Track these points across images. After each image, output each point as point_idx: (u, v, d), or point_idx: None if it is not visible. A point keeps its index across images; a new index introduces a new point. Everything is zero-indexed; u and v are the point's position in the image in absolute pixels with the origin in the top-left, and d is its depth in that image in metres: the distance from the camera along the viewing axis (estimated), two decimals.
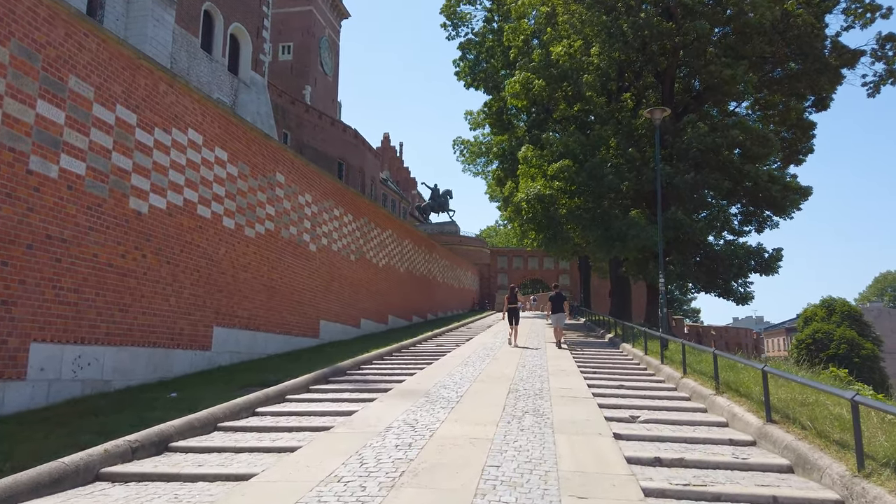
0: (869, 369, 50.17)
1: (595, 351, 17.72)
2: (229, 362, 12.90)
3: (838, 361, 53.53)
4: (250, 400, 8.77)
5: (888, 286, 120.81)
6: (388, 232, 26.07)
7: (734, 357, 9.24)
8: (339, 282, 19.90)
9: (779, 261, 21.79)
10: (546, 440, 6.58)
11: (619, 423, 7.92)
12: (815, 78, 25.27)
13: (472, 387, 10.28)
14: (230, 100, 40.23)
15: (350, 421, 7.64)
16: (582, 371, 12.82)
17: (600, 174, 21.32)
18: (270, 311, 14.91)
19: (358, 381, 11.53)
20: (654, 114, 15.81)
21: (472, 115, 48.29)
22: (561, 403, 8.83)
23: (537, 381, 11.09)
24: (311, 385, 10.87)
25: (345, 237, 20.54)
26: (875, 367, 51.74)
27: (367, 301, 22.83)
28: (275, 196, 15.23)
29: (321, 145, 62.10)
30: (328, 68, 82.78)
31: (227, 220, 12.95)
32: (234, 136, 13.21)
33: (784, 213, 23.00)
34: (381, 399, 9.23)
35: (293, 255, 16.33)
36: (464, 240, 67.46)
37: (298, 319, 16.59)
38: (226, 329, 12.82)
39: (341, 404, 9.26)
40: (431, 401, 8.95)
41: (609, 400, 9.53)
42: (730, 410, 7.97)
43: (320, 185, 18.29)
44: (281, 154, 15.57)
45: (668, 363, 12.71)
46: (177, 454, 6.55)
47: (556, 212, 21.78)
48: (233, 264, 13.18)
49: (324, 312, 18.44)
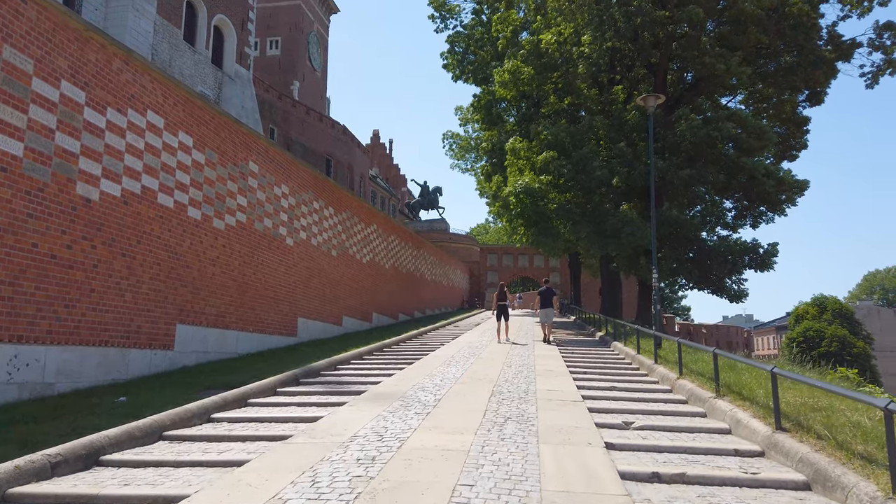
0: (861, 367, 49.81)
1: (585, 349, 16.98)
2: (195, 363, 12.05)
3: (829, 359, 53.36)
4: (205, 405, 7.94)
5: (877, 284, 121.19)
6: (372, 227, 25.24)
7: (736, 357, 8.50)
8: (320, 278, 19.06)
9: (774, 256, 21.17)
10: (529, 452, 5.80)
11: (612, 430, 7.16)
12: (810, 71, 24.66)
13: (453, 389, 9.49)
14: (214, 93, 39.24)
15: (312, 429, 6.83)
16: (571, 371, 12.07)
17: (589, 167, 20.57)
18: (242, 309, 14.06)
19: (331, 383, 10.71)
20: (648, 101, 15.07)
21: (462, 111, 47.59)
22: (548, 408, 8.06)
23: (523, 382, 10.32)
24: (279, 387, 10.05)
25: (325, 231, 19.70)
26: (867, 366, 51.44)
27: (350, 298, 22.00)
28: (247, 186, 14.37)
29: (309, 141, 61.16)
30: (317, 64, 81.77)
31: (192, 211, 12.09)
32: (200, 121, 12.35)
33: (779, 209, 22.36)
34: (351, 403, 8.42)
35: (268, 249, 15.48)
36: (453, 237, 66.73)
37: (274, 317, 15.75)
38: (191, 327, 11.97)
39: (308, 409, 8.44)
40: (406, 405, 8.15)
41: (600, 403, 8.77)
42: (733, 416, 7.23)
43: (298, 176, 17.44)
44: (254, 142, 14.72)
45: (663, 363, 11.98)
46: (106, 469, 5.72)
47: (545, 206, 21.02)
48: (199, 258, 12.33)
49: (302, 310, 17.60)
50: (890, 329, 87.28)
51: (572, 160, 20.40)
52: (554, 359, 14.24)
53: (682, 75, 27.15)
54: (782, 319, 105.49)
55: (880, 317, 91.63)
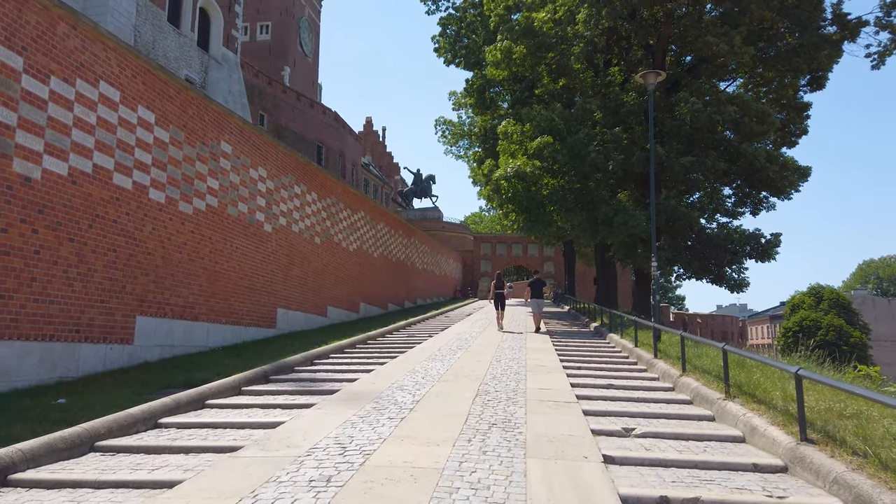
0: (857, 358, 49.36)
1: (579, 342, 16.15)
2: (159, 357, 11.14)
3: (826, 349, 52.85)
4: (153, 408, 7.03)
5: (871, 274, 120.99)
6: (359, 214, 24.28)
7: (749, 354, 7.63)
8: (302, 266, 18.13)
9: (777, 246, 20.35)
10: (515, 469, 4.93)
11: (610, 438, 6.31)
12: (814, 53, 23.76)
13: (435, 388, 8.62)
14: (200, 77, 38.08)
15: (268, 438, 5.95)
16: (565, 366, 11.22)
17: (584, 152, 19.64)
18: (214, 299, 13.14)
19: (303, 381, 9.83)
20: (647, 78, 14.14)
21: (456, 96, 46.48)
22: (538, 411, 7.20)
23: (512, 379, 9.46)
24: (245, 386, 9.15)
25: (308, 218, 18.74)
26: (863, 356, 50.95)
27: (336, 288, 21.09)
28: (219, 168, 13.40)
29: (300, 128, 60.01)
30: (308, 49, 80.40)
31: (154, 193, 11.13)
32: (163, 96, 11.36)
33: (782, 195, 21.52)
34: (320, 405, 7.54)
35: (243, 235, 14.54)
36: (446, 226, 65.75)
37: (250, 308, 14.83)
38: (153, 319, 11.04)
39: (270, 412, 7.56)
40: (380, 408, 7.27)
41: (596, 405, 7.92)
42: (747, 422, 6.38)
43: (277, 159, 16.46)
44: (226, 120, 13.73)
45: (663, 357, 11.14)
46: (14, 491, 4.82)
47: (537, 192, 20.11)
48: (163, 244, 11.38)
49: (282, 300, 16.69)
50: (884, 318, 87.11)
51: (567, 145, 19.47)
52: (546, 352, 13.40)
53: (680, 58, 26.20)
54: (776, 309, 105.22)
55: (875, 306, 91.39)
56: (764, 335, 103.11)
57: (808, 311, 55.76)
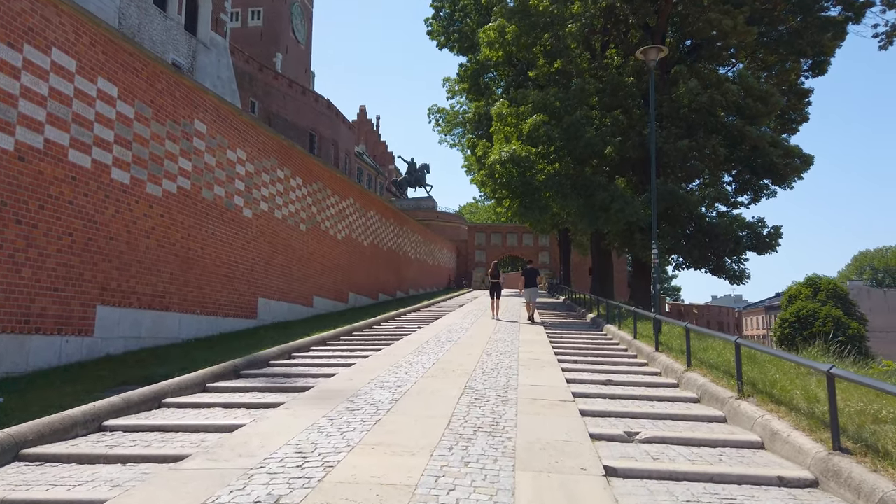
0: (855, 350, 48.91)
1: (575, 333, 15.43)
2: (123, 350, 10.34)
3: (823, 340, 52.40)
4: (97, 410, 6.25)
5: (867, 264, 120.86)
6: (348, 201, 23.45)
7: (765, 348, 6.88)
8: (285, 254, 17.32)
9: (779, 238, 19.62)
10: (501, 485, 4.18)
11: (611, 443, 5.57)
12: (817, 35, 22.98)
13: (418, 384, 7.87)
14: (187, 61, 37.09)
15: (220, 445, 5.18)
16: (560, 360, 10.49)
17: (580, 132, 18.83)
18: (186, 288, 12.33)
19: (276, 377, 9.06)
20: (649, 54, 13.34)
21: (449, 82, 45.52)
22: (530, 411, 6.45)
23: (503, 374, 8.71)
24: (211, 382, 8.38)
25: (292, 203, 17.91)
26: (861, 348, 50.48)
27: (322, 277, 20.29)
28: (192, 148, 12.55)
29: (291, 115, 58.98)
30: (301, 36, 79.21)
31: (117, 173, 10.29)
32: (127, 68, 10.49)
33: (785, 182, 20.77)
34: (288, 405, 6.78)
35: (220, 220, 13.71)
36: (440, 215, 64.91)
37: (228, 297, 14.03)
38: (118, 309, 10.24)
39: (232, 413, 6.79)
40: (354, 408, 6.51)
41: (595, 403, 7.18)
42: (765, 425, 5.64)
43: (258, 141, 15.61)
44: (200, 97, 12.87)
45: (665, 351, 10.41)
46: None
47: (532, 177, 19.31)
48: (128, 228, 10.56)
49: (263, 289, 15.89)
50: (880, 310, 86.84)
51: (563, 124, 18.65)
52: (541, 344, 12.66)
53: (680, 42, 25.39)
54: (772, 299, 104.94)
55: (870, 297, 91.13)
56: (759, 326, 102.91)
57: (805, 301, 55.24)
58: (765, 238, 19.68)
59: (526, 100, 19.54)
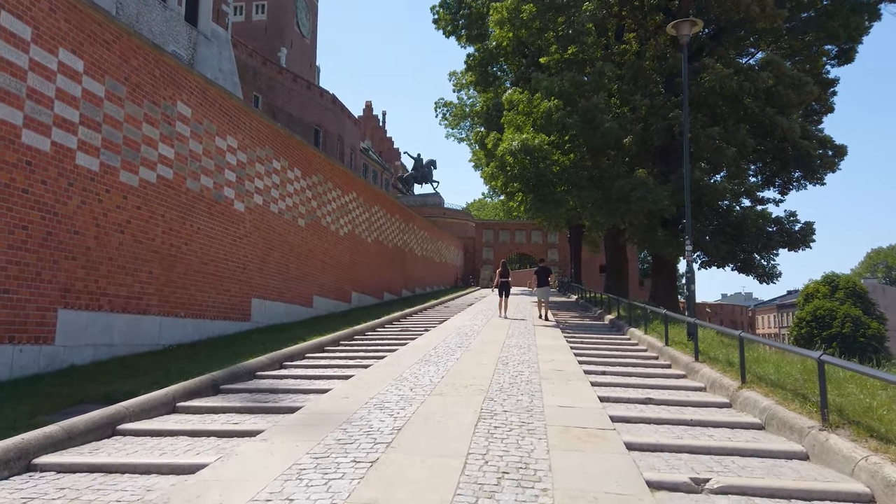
0: (874, 349, 47.41)
1: (596, 337, 14.15)
2: (92, 359, 9.14)
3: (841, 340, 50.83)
4: (24, 444, 4.99)
5: (880, 262, 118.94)
6: (351, 195, 22.21)
7: (850, 365, 5.54)
8: (282, 251, 16.10)
9: (812, 233, 18.26)
10: None
11: (675, 495, 4.29)
12: (848, 17, 21.56)
13: (425, 405, 6.62)
14: (188, 53, 36.02)
15: (164, 502, 3.94)
16: (586, 371, 9.22)
17: (597, 120, 17.49)
18: (168, 288, 11.11)
19: (261, 392, 7.83)
20: (681, 28, 12.03)
21: (456, 76, 44.23)
22: (565, 446, 5.19)
23: (524, 392, 7.44)
24: (183, 400, 7.14)
25: (290, 197, 16.68)
26: (881, 348, 48.93)
27: (323, 275, 19.07)
28: (174, 133, 11.32)
29: (296, 110, 57.89)
30: (305, 30, 78.16)
31: (84, 158, 9.07)
32: (95, 39, 9.27)
33: (816, 175, 19.36)
34: (267, 434, 5.55)
35: (207, 214, 12.49)
36: (447, 212, 63.63)
37: (217, 298, 12.82)
38: (84, 313, 9.03)
39: (198, 444, 5.56)
40: (346, 440, 5.27)
41: (640, 432, 5.91)
42: (874, 471, 4.35)
43: (251, 128, 14.37)
44: (184, 77, 11.63)
45: (707, 362, 9.11)
46: None
47: (546, 169, 17.99)
48: (97, 221, 9.34)
49: (258, 289, 14.68)
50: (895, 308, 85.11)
51: (579, 110, 17.32)
52: (561, 351, 11.39)
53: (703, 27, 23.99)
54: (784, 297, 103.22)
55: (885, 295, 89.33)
56: (771, 324, 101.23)
57: (823, 300, 53.75)
58: (797, 234, 18.31)
59: (539, 85, 18.21)
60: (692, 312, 11.39)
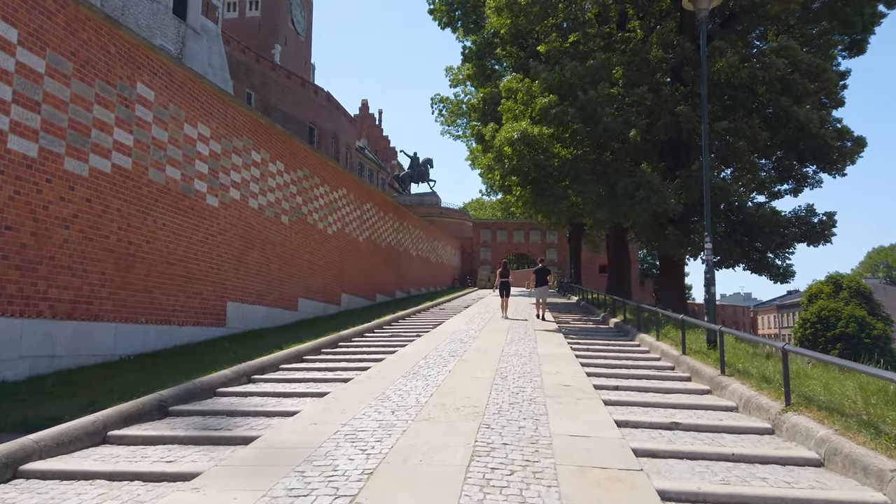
0: (881, 351, 46.38)
1: (602, 344, 12.97)
2: (28, 374, 7.93)
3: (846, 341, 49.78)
4: None
5: (880, 262, 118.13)
6: (341, 191, 21.02)
7: None
8: (262, 250, 14.90)
9: (832, 226, 17.10)
10: None
11: None
12: (863, 4, 20.43)
13: (407, 435, 5.43)
14: (176, 47, 34.79)
15: None
16: (596, 385, 8.05)
17: (597, 114, 16.31)
18: (127, 291, 9.91)
19: (216, 415, 6.63)
20: (699, 3, 10.88)
21: (453, 72, 43.08)
22: (581, 497, 4.01)
23: (527, 415, 6.26)
24: (117, 428, 5.95)
25: (272, 191, 15.49)
26: (886, 349, 47.88)
27: (309, 276, 17.87)
28: (133, 118, 10.12)
29: (290, 108, 56.67)
30: (300, 27, 77.02)
31: (17, 142, 7.86)
32: (34, 7, 8.06)
33: (835, 169, 18.20)
34: (204, 478, 4.37)
35: (175, 209, 11.28)
36: (444, 211, 62.50)
37: (186, 302, 11.61)
38: (16, 320, 7.82)
39: (112, 494, 4.36)
40: (299, 492, 4.09)
41: (674, 472, 4.73)
42: None
43: (225, 116, 13.17)
44: (145, 55, 10.42)
45: (736, 375, 7.93)
46: None
47: (547, 162, 16.80)
48: (34, 215, 8.13)
49: (234, 291, 13.47)
50: None
51: (578, 104, 16.13)
52: (565, 360, 10.22)
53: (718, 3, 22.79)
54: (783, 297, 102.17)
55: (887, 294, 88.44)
56: (771, 325, 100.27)
57: (827, 300, 52.72)
58: (816, 227, 17.15)
59: (538, 76, 17.00)
60: (712, 317, 10.22)
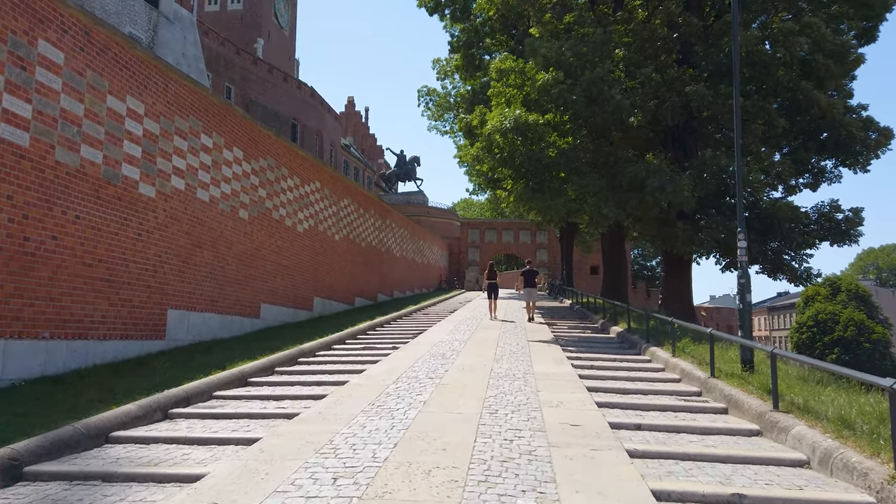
0: (880, 355, 44.93)
1: (608, 359, 11.11)
2: None
3: (844, 346, 48.29)
4: None
5: (871, 263, 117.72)
6: (313, 185, 19.03)
7: None
8: (215, 249, 12.90)
9: (859, 223, 15.37)
10: None
11: None
12: None
13: None
14: (147, 35, 32.74)
15: None
16: (613, 423, 6.18)
17: (604, 94, 14.49)
18: (19, 300, 7.90)
19: (83, 484, 4.67)
20: None
21: (440, 64, 41.20)
22: None
23: (527, 483, 4.35)
24: None
25: (227, 182, 13.49)
26: (886, 354, 46.43)
27: (275, 279, 15.88)
28: (31, 83, 8.11)
29: (272, 103, 54.52)
30: (284, 21, 74.92)
31: None
32: None
33: (859, 161, 16.46)
34: None
35: (93, 198, 9.28)
36: (432, 211, 60.57)
37: (109, 311, 9.61)
38: None
39: None
40: None
41: None
42: None
43: (166, 91, 11.16)
44: (51, 8, 8.41)
45: (794, 411, 6.08)
46: None
47: (542, 152, 14.94)
48: None
49: (177, 298, 11.46)
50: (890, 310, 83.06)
51: (581, 84, 14.30)
52: (568, 383, 8.34)
53: None
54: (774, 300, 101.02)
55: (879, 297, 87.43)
56: (761, 327, 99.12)
57: (825, 303, 51.16)
58: (841, 225, 15.42)
59: (536, 52, 15.12)
60: (747, 331, 8.36)
